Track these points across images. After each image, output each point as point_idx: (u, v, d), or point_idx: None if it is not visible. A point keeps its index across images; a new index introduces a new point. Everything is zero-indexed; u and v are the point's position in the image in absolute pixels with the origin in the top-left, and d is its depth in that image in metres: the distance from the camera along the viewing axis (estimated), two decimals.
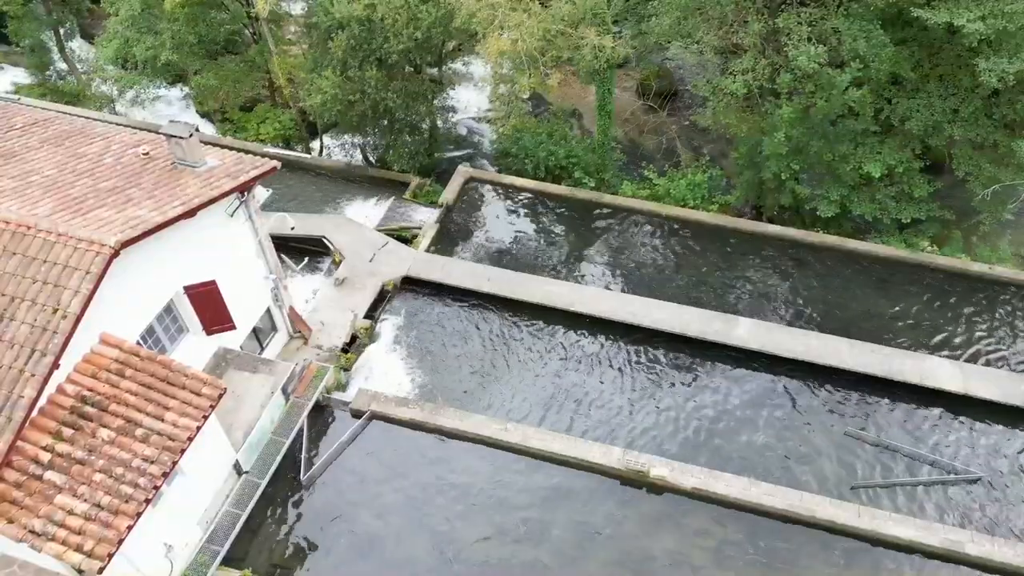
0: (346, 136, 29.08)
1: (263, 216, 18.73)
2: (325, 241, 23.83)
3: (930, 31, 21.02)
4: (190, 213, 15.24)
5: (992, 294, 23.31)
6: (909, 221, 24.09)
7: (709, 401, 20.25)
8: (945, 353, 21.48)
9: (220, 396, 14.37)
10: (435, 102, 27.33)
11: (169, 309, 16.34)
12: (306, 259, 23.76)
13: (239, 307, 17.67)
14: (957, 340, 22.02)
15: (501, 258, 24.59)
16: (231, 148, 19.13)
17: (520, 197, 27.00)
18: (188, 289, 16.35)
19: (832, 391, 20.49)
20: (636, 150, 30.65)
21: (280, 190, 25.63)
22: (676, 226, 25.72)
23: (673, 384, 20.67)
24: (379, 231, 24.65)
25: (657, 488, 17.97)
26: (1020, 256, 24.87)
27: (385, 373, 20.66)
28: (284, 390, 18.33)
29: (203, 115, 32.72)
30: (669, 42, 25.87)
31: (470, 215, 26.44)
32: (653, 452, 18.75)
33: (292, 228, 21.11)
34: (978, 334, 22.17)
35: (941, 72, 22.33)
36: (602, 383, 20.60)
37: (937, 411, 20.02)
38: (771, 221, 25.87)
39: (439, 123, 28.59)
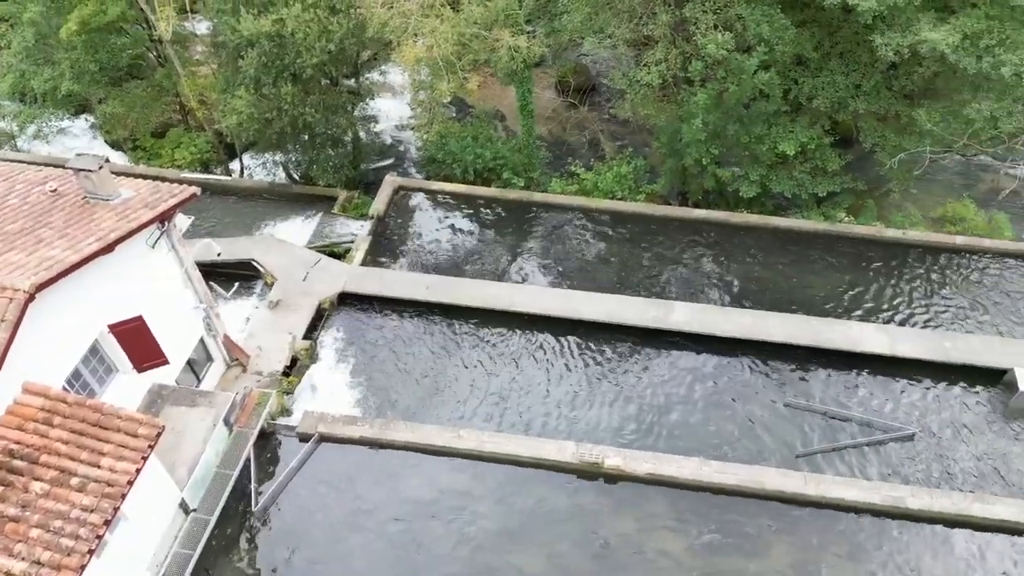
0: (267, 155, 28.42)
1: (187, 244, 18.11)
2: (255, 264, 23.22)
3: (827, 11, 21.96)
4: (107, 248, 14.61)
5: (907, 257, 24.55)
6: (825, 195, 25.14)
7: (655, 387, 20.63)
8: (871, 318, 22.52)
9: (158, 435, 13.81)
10: (355, 113, 26.98)
11: (95, 350, 15.63)
12: (236, 284, 23.11)
13: (170, 340, 17.05)
14: (880, 304, 23.10)
15: (439, 265, 24.48)
16: (146, 177, 18.43)
17: (451, 202, 26.94)
18: (113, 327, 15.67)
19: (770, 365, 21.19)
20: (561, 146, 30.99)
21: (203, 216, 24.89)
22: (607, 218, 26.14)
23: (619, 374, 20.98)
24: (310, 249, 24.19)
25: (613, 477, 18.21)
26: (930, 219, 26.25)
27: (331, 393, 20.28)
28: (226, 421, 17.77)
29: (113, 145, 31.40)
30: (582, 38, 26.25)
31: (403, 224, 26.22)
32: (606, 443, 19.00)
33: (219, 254, 20.52)
34: (899, 297, 23.32)
35: (841, 50, 23.36)
36: (550, 380, 20.74)
37: (868, 374, 20.95)
38: (697, 205, 26.57)
39: (362, 134, 28.25)
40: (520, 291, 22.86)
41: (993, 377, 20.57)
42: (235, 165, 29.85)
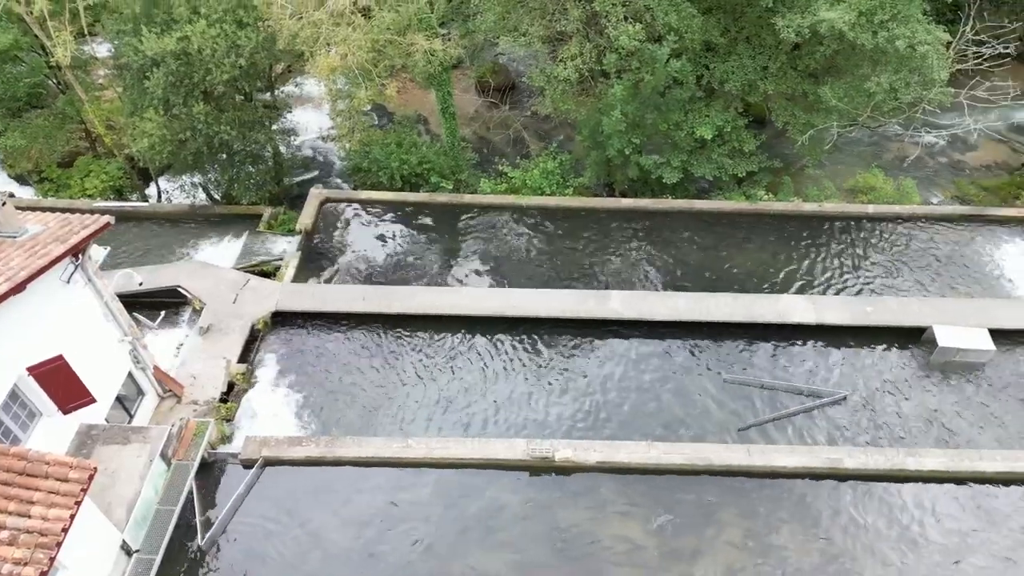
0: (184, 177, 27.44)
1: (105, 276, 17.37)
2: (181, 290, 22.45)
3: None
4: (17, 288, 13.86)
5: (826, 228, 25.59)
6: (744, 175, 25.97)
7: (599, 376, 20.91)
8: (798, 290, 23.37)
9: (91, 477, 13.20)
10: (273, 128, 26.37)
11: (15, 395, 14.84)
12: (163, 313, 22.28)
13: (95, 378, 16.32)
14: (805, 276, 24.02)
15: (374, 274, 24.20)
16: (55, 210, 17.60)
17: (381, 210, 26.67)
18: (32, 369, 14.91)
19: (707, 344, 21.75)
20: (487, 146, 31.05)
21: (122, 245, 23.99)
22: (538, 215, 26.34)
23: (563, 367, 21.17)
24: (238, 270, 23.53)
25: (565, 470, 18.37)
26: (844, 190, 27.41)
27: (273, 415, 19.79)
28: (164, 455, 17.13)
29: (16, 178, 29.76)
30: (498, 37, 26.34)
31: (333, 237, 25.79)
32: (557, 436, 19.14)
33: (140, 284, 19.77)
34: (821, 267, 24.28)
35: (747, 34, 24.15)
36: (495, 380, 20.76)
37: (800, 344, 21.75)
38: (623, 195, 27.05)
39: (282, 148, 27.64)
40: (458, 294, 22.81)
41: (914, 335, 21.64)
42: (152, 190, 28.74)
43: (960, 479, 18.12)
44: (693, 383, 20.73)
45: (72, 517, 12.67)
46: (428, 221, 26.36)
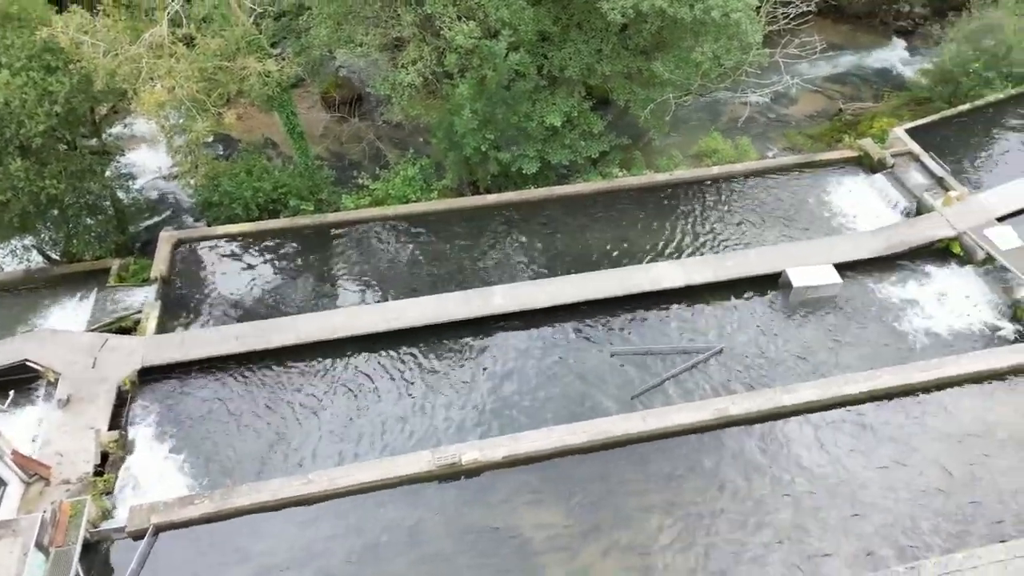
0: (13, 240, 25.02)
1: None
2: (30, 364, 20.50)
3: None
4: None
5: (680, 195, 26.94)
6: (598, 155, 26.91)
7: (494, 372, 21.04)
8: (665, 256, 24.48)
9: None
10: (107, 174, 24.57)
11: None
12: (12, 392, 20.18)
13: None
14: (670, 242, 25.18)
15: (246, 311, 23.10)
16: None
17: (242, 243, 25.47)
18: None
19: (591, 322, 22.38)
20: (343, 162, 30.40)
21: None
22: (408, 222, 26.08)
23: (457, 370, 21.13)
24: (93, 331, 21.78)
25: (474, 471, 18.36)
26: (690, 157, 28.97)
27: (159, 478, 18.51)
28: (40, 545, 15.63)
29: None
30: (334, 51, 25.82)
31: (194, 279, 24.39)
32: (463, 441, 19.05)
33: None
34: (682, 231, 25.55)
35: (578, 20, 24.98)
36: (390, 396, 20.42)
37: (676, 307, 22.81)
38: (488, 191, 27.29)
39: (121, 194, 25.81)
40: (339, 315, 22.21)
41: (772, 281, 23.25)
42: None
43: (832, 405, 19.67)
44: (585, 362, 21.28)
45: None
46: (295, 247, 25.48)
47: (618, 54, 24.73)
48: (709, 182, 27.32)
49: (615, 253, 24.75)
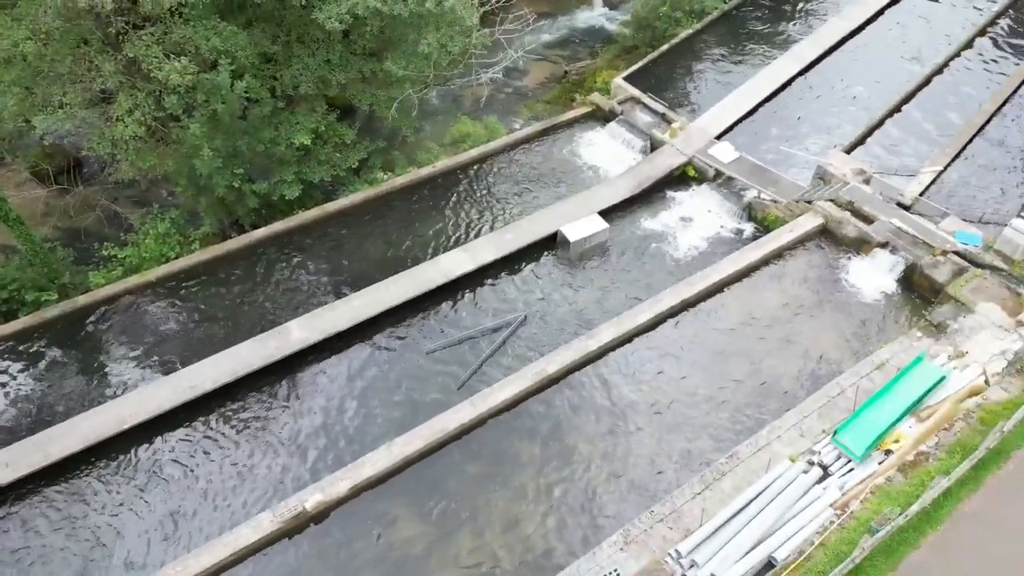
0: None
1: None
2: None
3: (263, 5, 22.48)
4: None
5: (448, 183, 27.45)
6: (358, 164, 26.52)
7: (314, 408, 20.25)
8: (452, 245, 24.90)
9: None
10: None
11: None
12: None
13: None
14: (453, 231, 25.64)
15: (12, 431, 19.93)
16: None
17: None
18: None
19: (398, 329, 22.28)
20: (79, 237, 27.05)
21: None
22: (175, 282, 23.92)
23: (274, 421, 20.01)
24: None
25: (321, 515, 17.63)
26: (447, 146, 29.49)
27: None
28: None
29: None
30: (31, 120, 22.78)
31: None
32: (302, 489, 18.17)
33: None
34: (461, 217, 26.12)
35: (298, 35, 24.22)
36: (210, 470, 18.88)
37: (476, 290, 23.38)
38: (256, 226, 25.78)
39: None
40: (124, 404, 19.91)
41: (551, 242, 24.65)
42: None
43: (630, 338, 21.47)
44: (401, 370, 21.17)
45: None
46: (46, 345, 22.35)
47: (347, 61, 24.43)
48: (472, 165, 28.11)
49: (404, 255, 24.72)
